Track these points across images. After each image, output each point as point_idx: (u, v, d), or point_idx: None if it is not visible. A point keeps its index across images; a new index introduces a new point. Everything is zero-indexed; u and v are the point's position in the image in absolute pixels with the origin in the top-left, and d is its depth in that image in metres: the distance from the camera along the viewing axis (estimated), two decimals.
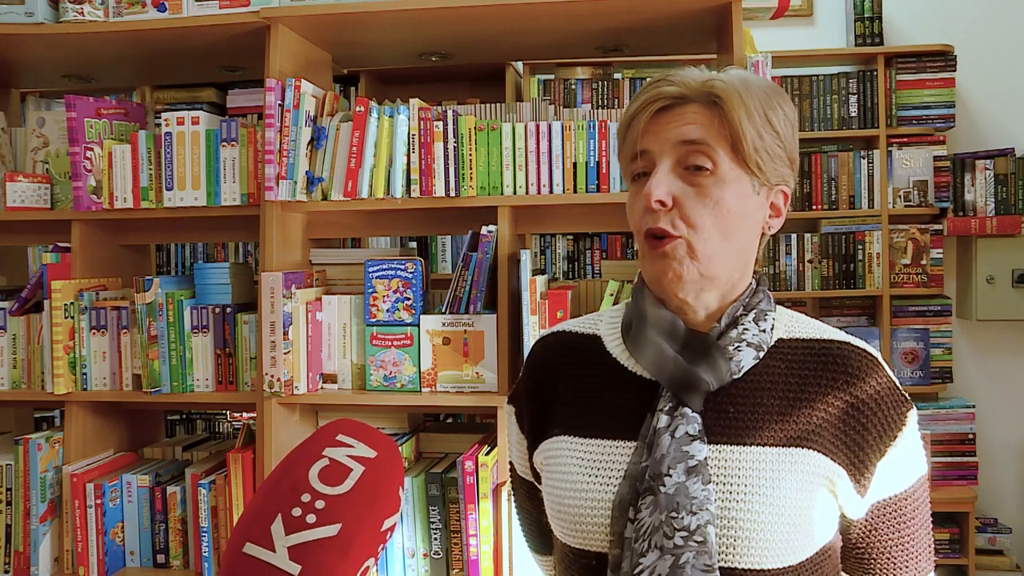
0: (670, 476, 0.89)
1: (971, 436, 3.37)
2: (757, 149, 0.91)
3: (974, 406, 3.40)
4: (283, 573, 0.80)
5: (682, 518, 0.87)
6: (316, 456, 0.89)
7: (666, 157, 0.92)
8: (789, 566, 0.89)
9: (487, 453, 1.78)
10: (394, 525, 0.91)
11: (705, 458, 0.90)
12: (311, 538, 0.82)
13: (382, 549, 0.91)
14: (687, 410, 0.92)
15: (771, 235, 1.00)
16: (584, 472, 0.95)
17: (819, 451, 0.91)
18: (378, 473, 0.90)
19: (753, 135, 0.91)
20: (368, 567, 0.87)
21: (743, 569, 0.88)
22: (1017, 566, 3.37)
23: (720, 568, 0.87)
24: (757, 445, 0.91)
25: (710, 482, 0.88)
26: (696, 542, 0.86)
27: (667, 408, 0.93)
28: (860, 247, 3.44)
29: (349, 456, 0.89)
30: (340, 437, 0.91)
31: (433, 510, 1.82)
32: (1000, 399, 3.55)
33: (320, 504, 0.84)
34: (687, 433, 0.90)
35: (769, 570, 0.88)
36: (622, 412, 0.97)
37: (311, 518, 0.83)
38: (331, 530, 0.83)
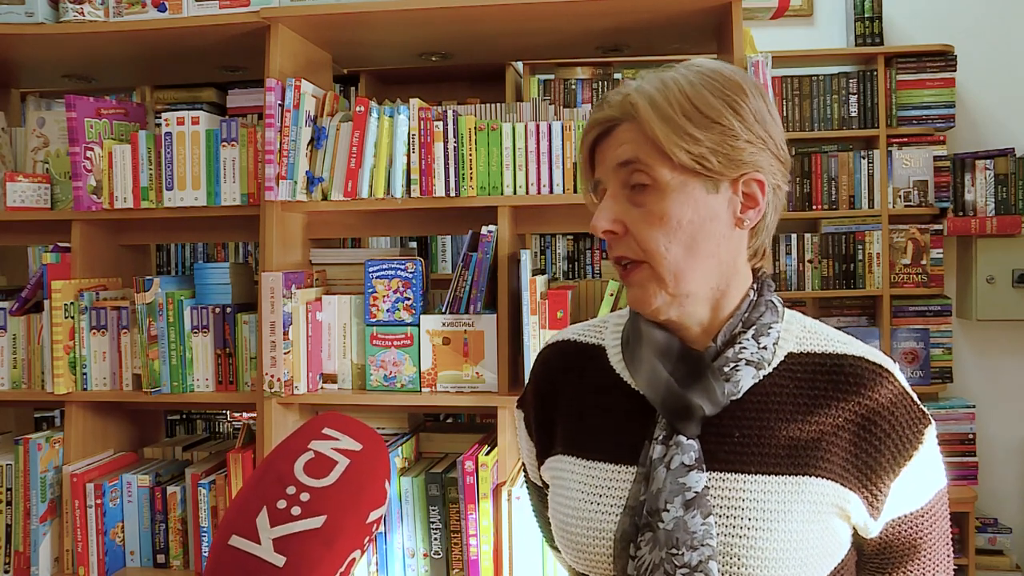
0: (667, 511, 0.85)
1: (971, 436, 3.37)
2: (691, 151, 0.85)
3: (974, 406, 3.40)
4: (268, 565, 0.81)
5: (683, 554, 0.84)
6: (301, 449, 0.89)
7: (611, 183, 0.91)
8: None
9: (487, 453, 1.78)
10: (380, 518, 0.92)
11: (705, 487, 0.86)
12: (296, 530, 0.83)
13: (369, 541, 0.91)
14: (681, 438, 0.88)
15: (763, 223, 0.93)
16: (586, 498, 0.93)
17: (829, 478, 0.87)
18: (363, 466, 0.90)
19: (679, 141, 0.85)
20: (354, 559, 0.88)
21: None
22: (1017, 566, 3.37)
23: None
24: (762, 474, 0.87)
25: (710, 515, 0.85)
26: None
27: (662, 437, 0.89)
28: (860, 247, 3.44)
29: (334, 449, 0.90)
30: (325, 430, 0.92)
31: (433, 510, 1.82)
32: (1000, 399, 3.55)
33: (305, 496, 0.84)
34: (683, 463, 0.87)
35: None
36: (624, 433, 0.93)
37: (296, 510, 0.83)
38: (316, 522, 0.83)
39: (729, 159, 0.87)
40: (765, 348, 0.91)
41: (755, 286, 0.94)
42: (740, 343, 0.90)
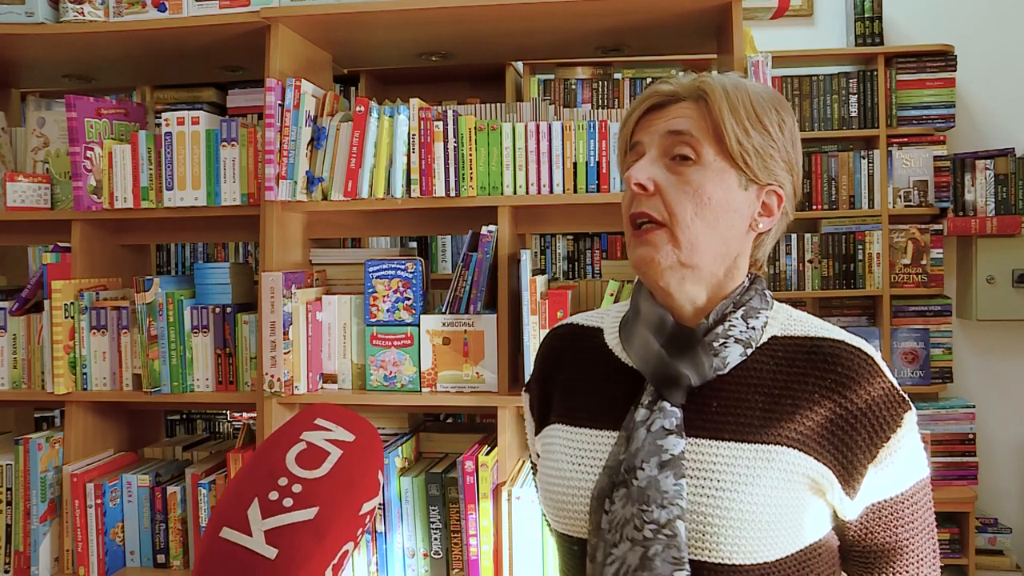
0: (643, 469, 0.90)
1: (971, 436, 3.37)
2: (742, 143, 0.93)
3: (974, 406, 3.40)
4: (260, 557, 0.80)
5: (652, 511, 0.88)
6: (294, 440, 0.89)
7: (653, 147, 0.96)
8: (764, 562, 0.88)
9: (487, 453, 1.78)
10: (373, 509, 0.91)
11: (682, 452, 0.90)
12: (288, 522, 0.82)
13: (361, 533, 0.90)
14: (666, 404, 0.93)
15: (768, 236, 1.00)
16: (569, 459, 0.98)
17: (801, 450, 0.90)
18: (356, 457, 0.89)
19: (736, 129, 0.93)
20: (347, 551, 0.87)
21: (714, 563, 0.88)
22: (1017, 566, 3.37)
23: (691, 561, 0.88)
24: (735, 441, 0.91)
25: (683, 477, 0.89)
26: (665, 535, 0.87)
27: (647, 402, 0.94)
28: (860, 247, 3.44)
29: (327, 440, 0.89)
30: (318, 421, 0.91)
31: (433, 510, 1.82)
32: (1000, 399, 3.55)
33: (297, 488, 0.84)
34: (663, 427, 0.92)
35: (742, 566, 0.88)
36: (611, 402, 0.99)
37: (288, 502, 0.83)
38: (308, 514, 0.83)
39: (764, 165, 0.95)
40: (753, 329, 0.96)
41: (749, 277, 1.00)
42: (730, 321, 0.96)
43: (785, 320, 0.99)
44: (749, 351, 0.95)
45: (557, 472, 0.99)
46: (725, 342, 0.94)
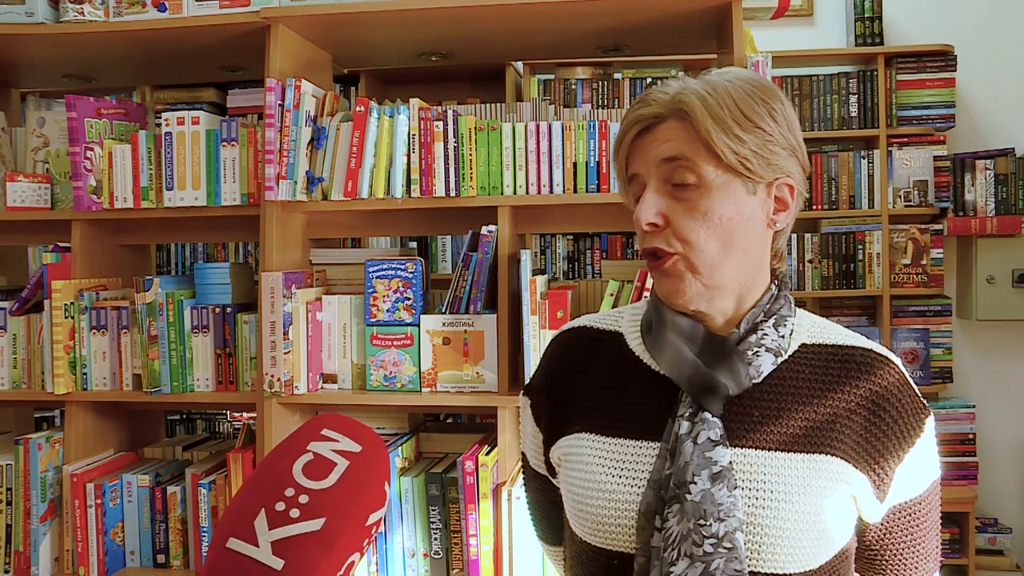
0: (695, 483, 0.88)
1: (971, 436, 3.37)
2: (738, 152, 0.90)
3: (974, 406, 3.40)
4: (266, 568, 0.80)
5: (710, 525, 0.87)
6: (300, 451, 0.88)
7: (652, 177, 0.94)
8: (810, 570, 0.89)
9: (487, 453, 1.78)
10: (380, 520, 0.91)
11: (730, 463, 0.90)
12: (294, 532, 0.82)
13: (368, 544, 0.90)
14: (707, 415, 0.92)
15: (786, 231, 0.99)
16: (608, 472, 0.95)
17: (842, 457, 0.91)
18: (363, 468, 0.89)
19: (727, 141, 0.90)
20: (353, 562, 0.87)
21: (767, 573, 0.88)
22: (1017, 566, 3.37)
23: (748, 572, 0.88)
24: (782, 451, 0.91)
25: (736, 488, 0.88)
26: (725, 548, 0.87)
27: (687, 413, 0.92)
28: (860, 247, 3.44)
29: (333, 451, 0.89)
30: (325, 432, 0.91)
31: (433, 510, 1.82)
32: (1000, 399, 3.55)
33: (304, 499, 0.84)
34: (709, 439, 0.90)
35: (792, 574, 0.89)
36: (645, 411, 0.96)
37: (295, 512, 0.83)
38: (315, 524, 0.83)
39: (767, 162, 0.92)
40: (783, 337, 0.96)
41: (775, 282, 0.99)
42: (762, 330, 0.95)
43: (810, 327, 0.99)
44: (780, 359, 0.95)
45: (595, 485, 0.95)
46: (758, 351, 0.94)
